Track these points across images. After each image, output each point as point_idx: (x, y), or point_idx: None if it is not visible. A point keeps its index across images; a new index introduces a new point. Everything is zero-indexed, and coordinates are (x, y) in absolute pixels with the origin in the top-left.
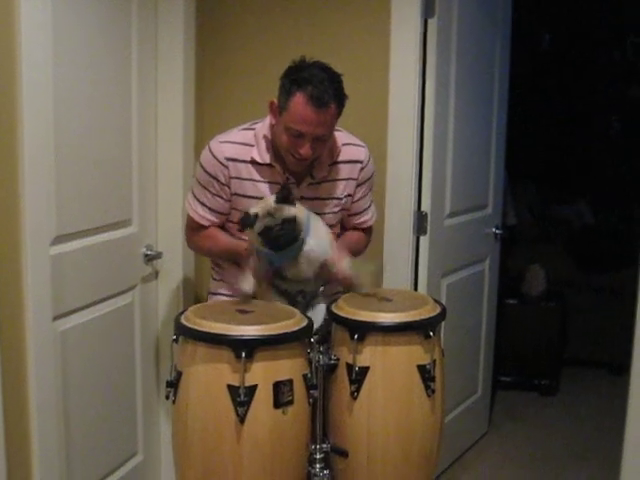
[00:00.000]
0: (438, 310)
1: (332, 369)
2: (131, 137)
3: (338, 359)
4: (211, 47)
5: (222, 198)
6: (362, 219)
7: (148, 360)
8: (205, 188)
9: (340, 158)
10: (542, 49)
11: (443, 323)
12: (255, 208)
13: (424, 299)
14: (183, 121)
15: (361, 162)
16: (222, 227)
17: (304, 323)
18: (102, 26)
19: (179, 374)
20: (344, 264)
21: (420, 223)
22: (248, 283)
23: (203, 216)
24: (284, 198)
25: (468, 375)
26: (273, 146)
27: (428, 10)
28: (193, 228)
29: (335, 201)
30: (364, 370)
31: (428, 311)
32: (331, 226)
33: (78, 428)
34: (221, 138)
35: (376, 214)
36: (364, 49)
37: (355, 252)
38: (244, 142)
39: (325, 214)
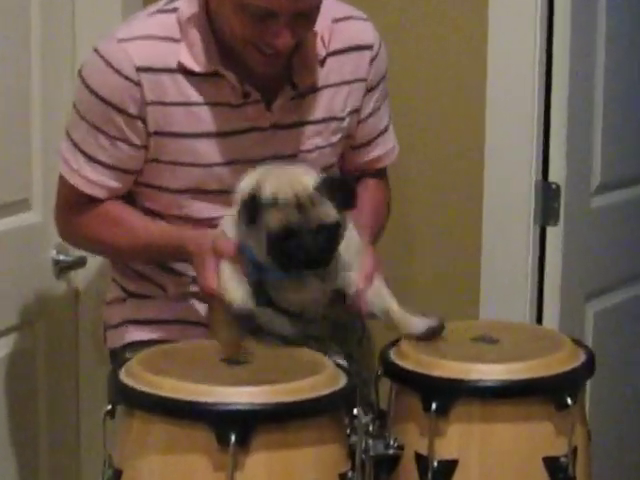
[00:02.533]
0: (581, 359)
1: (391, 464)
2: (30, 75)
3: (402, 447)
4: None
5: (131, 144)
6: (377, 152)
7: (62, 447)
8: (97, 129)
9: (335, 46)
10: None
11: (589, 382)
12: (268, 181)
13: (555, 339)
14: None
15: (369, 48)
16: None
17: (341, 382)
18: None
19: (117, 474)
20: (372, 293)
21: (547, 203)
22: (239, 291)
23: (95, 181)
24: (332, 183)
25: (634, 473)
26: (216, 38)
27: None
28: (72, 204)
29: (333, 124)
30: (448, 466)
31: (563, 360)
32: (328, 167)
33: None
34: (120, 34)
35: (398, 146)
36: None
37: (381, 228)
38: (163, 35)
39: (316, 149)
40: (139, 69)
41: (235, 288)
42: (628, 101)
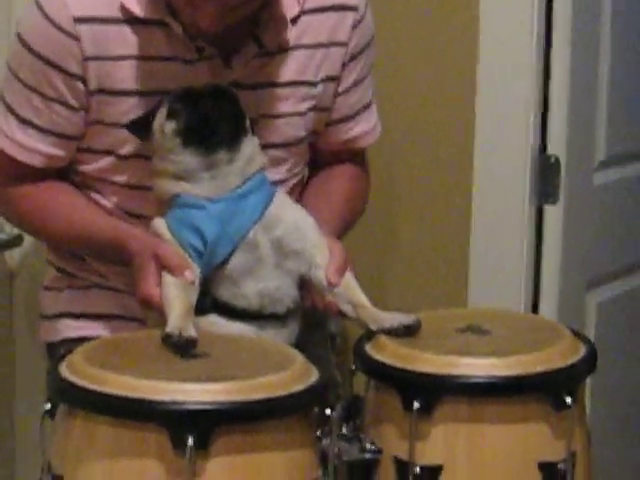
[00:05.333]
0: (582, 353)
1: (368, 470)
2: None
3: (379, 451)
4: None
5: (68, 106)
6: (359, 130)
7: None
8: (31, 89)
9: (312, 3)
10: None
11: (590, 379)
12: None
13: (553, 331)
14: None
15: (353, 9)
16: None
17: (311, 378)
18: None
19: None
20: (342, 287)
21: (545, 179)
22: (179, 317)
23: (29, 147)
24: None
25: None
26: None
27: None
28: (6, 173)
29: (303, 89)
30: (432, 472)
31: (561, 355)
32: (295, 142)
33: None
34: None
35: (380, 125)
36: None
37: (354, 217)
38: None
39: (281, 117)
40: (77, 20)
41: (176, 311)
42: (637, 67)
